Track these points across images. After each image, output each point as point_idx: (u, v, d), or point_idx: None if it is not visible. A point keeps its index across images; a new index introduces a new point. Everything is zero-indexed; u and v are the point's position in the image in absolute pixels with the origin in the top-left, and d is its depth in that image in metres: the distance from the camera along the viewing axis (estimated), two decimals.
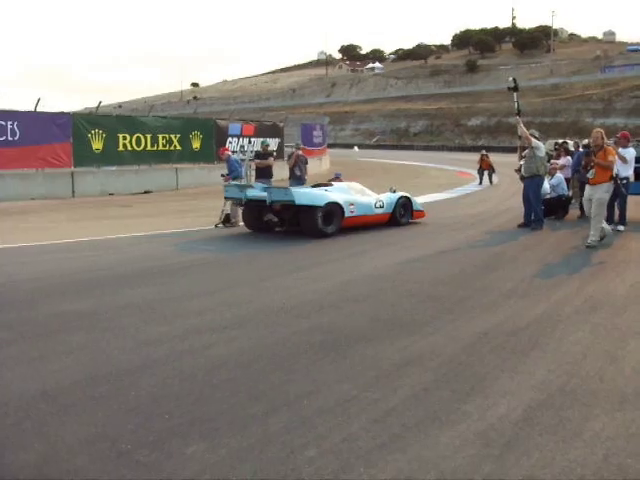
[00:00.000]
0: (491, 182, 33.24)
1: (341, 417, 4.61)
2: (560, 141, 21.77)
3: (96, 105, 29.36)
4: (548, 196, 17.13)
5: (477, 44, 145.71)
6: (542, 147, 15.94)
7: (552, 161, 18.66)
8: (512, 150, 51.37)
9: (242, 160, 18.53)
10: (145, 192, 26.88)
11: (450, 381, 5.37)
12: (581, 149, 19.02)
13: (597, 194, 12.56)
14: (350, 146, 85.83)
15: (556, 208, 17.31)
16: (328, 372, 5.56)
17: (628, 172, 15.14)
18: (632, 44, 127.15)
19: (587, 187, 12.96)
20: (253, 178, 18.00)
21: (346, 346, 6.26)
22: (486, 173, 33.58)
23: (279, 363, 5.77)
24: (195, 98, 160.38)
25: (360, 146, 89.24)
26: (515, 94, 16.47)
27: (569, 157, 19.46)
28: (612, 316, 7.59)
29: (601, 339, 6.66)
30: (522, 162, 16.23)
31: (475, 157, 36.93)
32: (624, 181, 14.89)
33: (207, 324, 7.07)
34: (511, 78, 17.05)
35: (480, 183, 32.89)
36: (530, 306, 7.99)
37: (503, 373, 5.57)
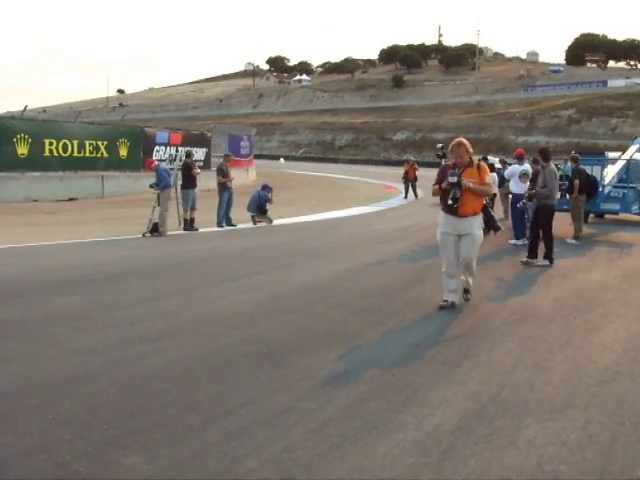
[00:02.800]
0: (416, 195, 32.44)
1: (279, 427, 4.64)
2: (480, 157, 22.19)
3: (20, 109, 28.68)
4: None
5: (404, 60, 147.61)
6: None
7: None
8: (435, 165, 52.24)
9: (171, 169, 18.35)
10: (70, 199, 26.33)
11: (385, 392, 5.45)
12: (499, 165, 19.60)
13: (468, 229, 8.66)
14: (276, 157, 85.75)
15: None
16: (263, 383, 5.58)
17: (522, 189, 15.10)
18: (554, 65, 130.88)
19: (447, 218, 8.78)
20: (179, 187, 17.83)
21: (280, 357, 6.29)
22: (411, 185, 32.74)
23: (213, 373, 5.76)
24: (121, 105, 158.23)
25: (286, 158, 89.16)
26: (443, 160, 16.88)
27: (494, 174, 19.89)
28: (539, 328, 7.84)
29: (529, 351, 6.86)
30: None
31: (400, 171, 36.70)
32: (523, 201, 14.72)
33: (139, 334, 6.99)
34: (439, 145, 17.63)
35: (405, 197, 32.51)
36: (460, 318, 8.18)
37: (436, 384, 5.68)
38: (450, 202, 8.57)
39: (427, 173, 41.52)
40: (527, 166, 15.53)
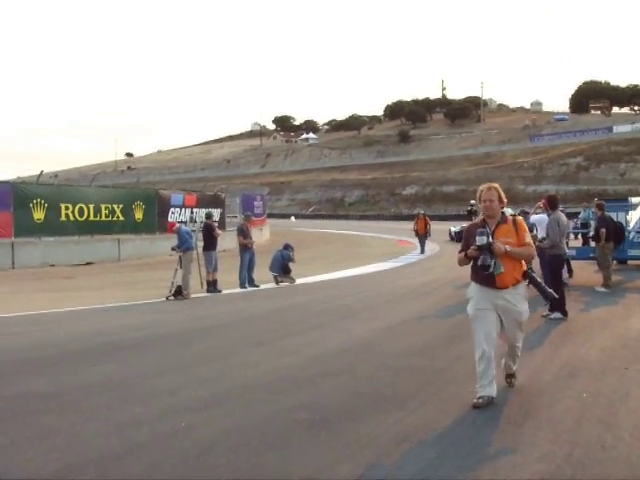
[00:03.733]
0: (422, 251, 31.21)
1: None
2: (472, 202, 21.54)
3: (29, 174, 28.76)
4: None
5: (409, 114, 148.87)
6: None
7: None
8: (446, 218, 52.20)
9: (192, 231, 18.25)
10: (87, 263, 26.27)
11: (453, 456, 5.19)
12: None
13: (513, 304, 6.82)
14: (287, 216, 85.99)
15: None
16: (325, 452, 5.31)
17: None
18: (558, 113, 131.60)
19: (482, 291, 6.89)
20: (200, 249, 17.74)
21: (335, 424, 6.02)
22: (419, 240, 31.72)
23: (271, 444, 5.49)
24: (129, 168, 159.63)
25: (297, 216, 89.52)
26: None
27: None
28: (593, 382, 7.57)
29: (590, 406, 6.60)
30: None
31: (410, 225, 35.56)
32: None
33: (183, 403, 6.74)
34: (472, 202, 17.04)
35: (422, 252, 31.37)
36: None
37: (504, 445, 5.41)
38: (485, 270, 6.72)
39: (438, 227, 41.65)
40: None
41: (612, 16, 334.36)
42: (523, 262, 6.99)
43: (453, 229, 39.61)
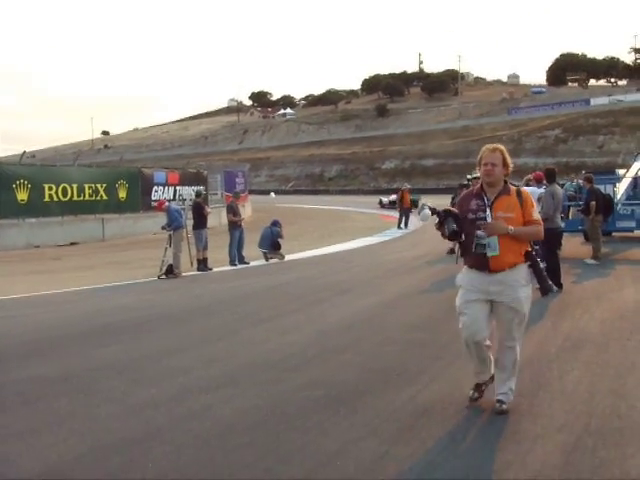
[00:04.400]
0: (406, 225, 30.82)
1: (383, 476, 4.40)
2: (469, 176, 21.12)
3: (10, 155, 28.46)
4: None
5: (386, 88, 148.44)
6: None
7: None
8: (424, 192, 52.13)
9: (182, 209, 18.15)
10: (71, 244, 26.09)
11: (474, 429, 5.24)
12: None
13: (508, 291, 5.61)
14: (267, 192, 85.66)
15: None
16: (346, 428, 5.33)
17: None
18: (536, 86, 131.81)
19: (472, 275, 5.78)
20: (190, 227, 17.66)
21: (351, 400, 6.04)
22: (404, 214, 31.10)
23: (291, 423, 5.50)
24: (106, 147, 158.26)
25: (276, 192, 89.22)
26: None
27: None
28: (598, 353, 7.70)
29: (599, 377, 6.71)
30: None
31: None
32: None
33: (196, 383, 6.73)
34: (469, 176, 16.83)
35: (399, 227, 30.93)
36: None
37: (522, 417, 5.48)
38: (478, 250, 5.62)
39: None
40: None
41: None
42: (527, 243, 5.78)
43: (385, 199, 49.66)
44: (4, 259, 21.21)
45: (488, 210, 5.64)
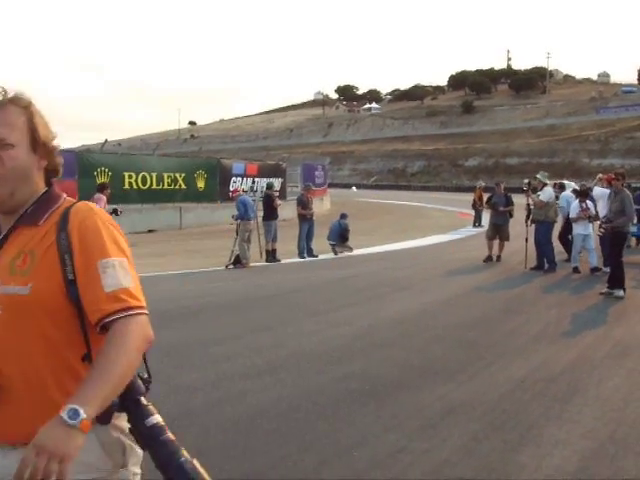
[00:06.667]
0: (480, 224, 29.51)
1: (395, 469, 4.51)
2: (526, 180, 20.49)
3: (97, 142, 29.31)
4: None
5: (473, 85, 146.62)
6: (551, 193, 15.74)
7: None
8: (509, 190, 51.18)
9: (253, 200, 18.45)
10: (149, 231, 26.74)
11: (498, 430, 5.28)
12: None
13: None
14: (348, 186, 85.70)
15: None
16: (372, 421, 5.45)
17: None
18: (626, 85, 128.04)
19: None
20: (260, 219, 17.95)
21: (385, 394, 6.16)
22: (476, 213, 30.62)
23: (321, 412, 5.66)
24: (192, 137, 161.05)
25: (358, 186, 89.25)
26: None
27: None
28: None
29: (639, 385, 6.59)
30: (532, 207, 15.94)
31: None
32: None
33: (239, 370, 6.95)
34: (526, 180, 16.75)
35: (474, 225, 30.43)
36: (562, 351, 7.92)
37: (549, 421, 5.48)
38: None
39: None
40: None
41: None
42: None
43: None
44: None
45: None
